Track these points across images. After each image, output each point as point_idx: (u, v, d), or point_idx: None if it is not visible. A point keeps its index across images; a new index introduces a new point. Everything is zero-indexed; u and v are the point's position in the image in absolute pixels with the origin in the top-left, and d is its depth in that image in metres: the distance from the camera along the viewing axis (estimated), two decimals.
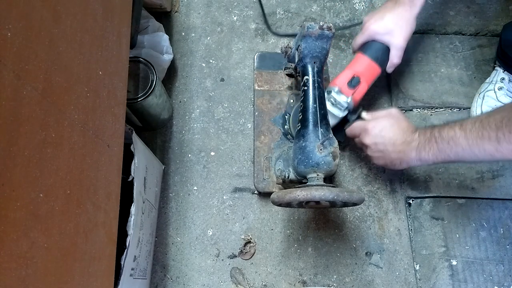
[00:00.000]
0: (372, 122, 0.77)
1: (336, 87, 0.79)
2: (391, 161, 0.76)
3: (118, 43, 0.59)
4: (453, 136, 0.66)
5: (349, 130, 0.81)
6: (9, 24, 0.36)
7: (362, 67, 0.81)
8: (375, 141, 0.76)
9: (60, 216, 0.44)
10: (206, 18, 1.05)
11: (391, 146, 0.74)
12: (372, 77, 0.82)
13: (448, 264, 0.89)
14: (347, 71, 0.81)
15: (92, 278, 0.51)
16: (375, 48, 0.81)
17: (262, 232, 0.91)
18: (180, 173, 0.95)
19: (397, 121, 0.75)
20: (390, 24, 0.78)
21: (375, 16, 0.80)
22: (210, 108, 0.99)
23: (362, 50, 0.82)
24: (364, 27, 0.82)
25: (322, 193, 0.63)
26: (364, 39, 0.82)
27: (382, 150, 0.75)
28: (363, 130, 0.78)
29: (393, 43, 0.80)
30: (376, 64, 0.81)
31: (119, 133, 0.59)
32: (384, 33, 0.79)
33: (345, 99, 0.79)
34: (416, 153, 0.71)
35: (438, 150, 0.68)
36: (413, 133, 0.73)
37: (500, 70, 0.95)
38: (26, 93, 0.38)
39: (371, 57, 0.81)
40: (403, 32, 0.79)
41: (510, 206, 0.92)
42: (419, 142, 0.71)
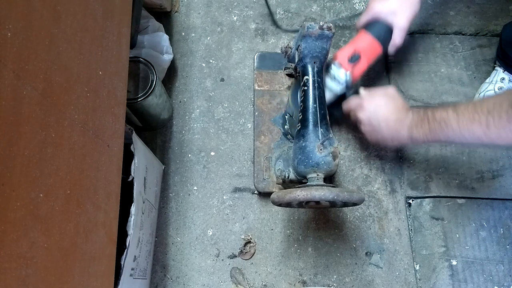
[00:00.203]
0: (368, 98, 0.78)
1: (336, 61, 0.80)
2: (383, 137, 0.77)
3: (118, 43, 0.59)
4: (445, 117, 0.66)
5: (345, 104, 0.82)
6: (9, 24, 0.36)
7: (363, 44, 0.82)
8: (369, 116, 0.77)
9: (60, 216, 0.44)
10: (206, 18, 1.05)
11: (384, 122, 0.75)
12: (373, 55, 0.83)
13: (448, 264, 0.89)
14: (349, 47, 0.82)
15: (92, 278, 0.51)
16: (378, 27, 0.82)
17: (262, 232, 0.91)
18: (180, 173, 0.95)
19: (393, 99, 0.77)
20: (394, 4, 0.79)
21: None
22: (210, 108, 0.99)
23: (365, 28, 0.83)
24: (369, 7, 0.83)
25: (322, 193, 0.63)
26: (368, 17, 0.83)
27: (375, 126, 0.77)
28: (359, 105, 0.79)
29: (396, 24, 0.80)
30: (378, 43, 0.82)
31: (119, 133, 0.59)
32: (388, 13, 0.80)
33: (344, 74, 0.79)
34: (408, 131, 0.72)
35: (429, 130, 0.69)
36: (406, 111, 0.74)
37: (500, 70, 0.95)
38: (26, 93, 0.38)
39: (373, 35, 0.82)
40: (406, 13, 0.80)
41: (510, 206, 0.92)
42: (412, 120, 0.72)
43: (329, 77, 0.81)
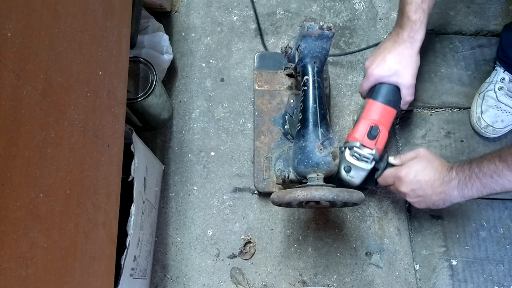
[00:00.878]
0: (404, 168, 0.74)
1: (357, 142, 0.76)
2: (433, 203, 0.73)
3: (118, 43, 0.59)
4: (495, 170, 0.64)
5: (382, 179, 0.79)
6: (9, 24, 0.36)
7: (377, 114, 0.78)
8: (412, 188, 0.73)
9: (60, 216, 0.44)
10: (206, 18, 1.05)
11: (429, 189, 0.72)
12: (389, 121, 0.79)
13: (448, 264, 0.89)
14: (363, 122, 0.78)
15: (92, 278, 0.51)
16: (385, 92, 0.78)
17: (262, 232, 0.91)
18: (180, 173, 0.95)
19: (429, 161, 0.73)
20: (394, 65, 0.75)
21: (377, 60, 0.77)
22: (210, 108, 0.99)
23: (372, 96, 0.79)
24: (368, 73, 0.79)
25: (322, 193, 0.63)
26: (370, 84, 0.79)
27: (421, 195, 0.73)
28: (397, 178, 0.75)
29: (402, 83, 0.77)
30: (390, 107, 0.79)
31: (119, 133, 0.59)
32: (390, 75, 0.76)
33: (370, 152, 0.76)
34: (458, 191, 0.69)
35: (482, 185, 0.67)
36: (448, 171, 0.71)
37: (500, 70, 0.95)
38: (26, 93, 0.38)
39: (383, 101, 0.78)
40: (409, 70, 0.76)
41: (510, 206, 0.92)
42: (459, 179, 0.69)
43: (353, 158, 0.77)
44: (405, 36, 0.75)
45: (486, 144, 0.96)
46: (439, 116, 0.98)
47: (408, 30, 0.74)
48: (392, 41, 0.77)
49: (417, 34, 0.74)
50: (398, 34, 0.76)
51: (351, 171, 0.78)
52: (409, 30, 0.74)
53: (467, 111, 0.98)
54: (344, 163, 0.78)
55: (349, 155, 0.77)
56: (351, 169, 0.78)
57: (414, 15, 0.73)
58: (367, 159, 0.76)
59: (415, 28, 0.74)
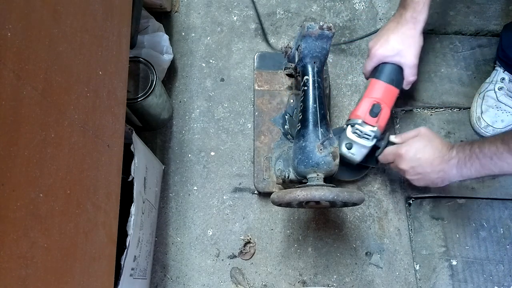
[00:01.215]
0: (404, 146, 0.75)
1: (359, 119, 0.77)
2: (432, 181, 0.74)
3: (118, 43, 0.59)
4: (495, 152, 0.65)
5: (382, 157, 0.79)
6: (9, 24, 0.36)
7: (379, 93, 0.79)
8: (412, 165, 0.74)
9: (60, 216, 0.44)
10: (206, 18, 1.05)
11: (429, 167, 0.72)
12: (392, 100, 0.80)
13: (448, 264, 0.89)
14: (366, 100, 0.79)
15: (92, 278, 0.51)
16: (388, 71, 0.79)
17: (262, 232, 0.91)
18: (180, 173, 0.95)
19: (429, 140, 0.74)
20: (397, 45, 0.77)
21: (380, 40, 0.78)
22: (210, 108, 0.99)
23: (375, 76, 0.80)
24: (371, 53, 0.80)
25: (322, 193, 0.63)
26: (374, 64, 0.80)
27: (421, 173, 0.74)
28: (397, 156, 0.76)
29: (405, 63, 0.78)
30: (393, 86, 0.79)
31: (119, 133, 0.59)
32: (393, 55, 0.77)
33: (371, 129, 0.77)
34: (457, 170, 0.70)
35: (481, 165, 0.67)
36: (449, 150, 0.72)
37: (500, 70, 0.95)
38: (26, 93, 0.38)
39: (386, 80, 0.79)
40: (412, 50, 0.77)
41: (510, 206, 0.92)
42: (459, 159, 0.70)
43: (355, 135, 0.78)
44: (408, 17, 0.76)
45: None
46: (439, 116, 0.98)
47: (411, 11, 0.75)
48: (395, 22, 0.78)
49: (420, 14, 0.76)
50: (401, 15, 0.77)
51: (352, 148, 0.79)
52: (412, 11, 0.75)
53: (467, 111, 0.98)
54: (346, 140, 0.79)
55: (350, 132, 0.78)
56: (352, 146, 0.79)
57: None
58: (368, 136, 0.77)
59: (417, 9, 0.75)
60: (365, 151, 0.80)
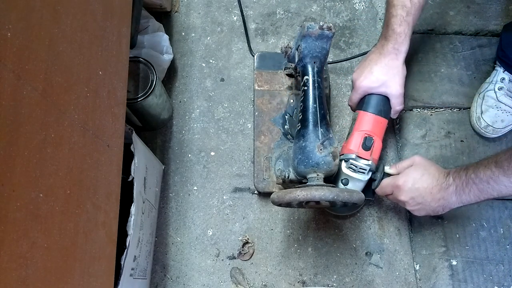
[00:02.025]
0: (401, 177, 0.75)
1: (353, 154, 0.77)
2: (433, 209, 0.74)
3: (118, 43, 0.59)
4: (491, 176, 0.65)
5: (380, 190, 0.79)
6: (9, 24, 0.36)
7: (369, 125, 0.78)
8: (411, 196, 0.74)
9: (60, 216, 0.44)
10: (206, 18, 1.05)
11: (428, 196, 0.72)
12: (382, 131, 0.80)
13: (448, 264, 0.89)
14: (357, 134, 0.78)
15: (92, 278, 0.51)
16: (375, 102, 0.79)
17: (262, 232, 0.91)
18: (180, 173, 0.95)
19: (425, 168, 0.74)
20: (382, 76, 0.76)
21: (364, 72, 0.78)
22: (210, 108, 0.99)
23: (363, 108, 0.80)
24: (356, 85, 0.79)
25: (322, 193, 0.63)
26: (359, 96, 0.80)
27: (421, 202, 0.74)
28: (395, 187, 0.76)
29: (391, 93, 0.78)
30: (382, 117, 0.79)
31: (119, 133, 0.59)
32: (378, 86, 0.77)
33: (366, 163, 0.76)
34: (457, 197, 0.70)
35: (479, 191, 0.68)
36: (445, 177, 0.72)
37: (500, 70, 0.95)
38: (26, 93, 0.38)
39: (374, 112, 0.79)
40: (397, 80, 0.77)
41: (510, 206, 0.92)
42: (456, 185, 0.70)
43: (350, 170, 0.77)
44: (390, 48, 0.76)
45: (486, 144, 0.96)
46: (439, 116, 0.98)
47: (393, 42, 0.76)
48: (378, 53, 0.78)
49: (401, 46, 0.76)
50: (383, 46, 0.77)
51: (349, 184, 0.78)
52: (394, 42, 0.76)
53: (467, 111, 0.98)
54: (342, 175, 0.78)
55: (345, 168, 0.77)
56: (349, 181, 0.78)
57: (399, 28, 0.74)
58: (364, 170, 0.76)
59: (399, 40, 0.75)
60: (361, 185, 0.79)
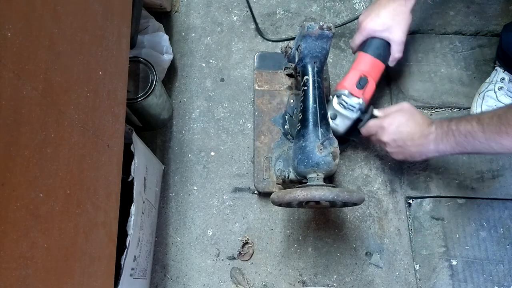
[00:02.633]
0: (387, 119, 0.77)
1: (346, 90, 0.79)
2: (411, 154, 0.77)
3: (118, 43, 0.59)
4: (470, 130, 0.67)
5: (365, 129, 0.81)
6: (9, 24, 0.36)
7: (367, 66, 0.81)
8: (393, 138, 0.77)
9: (60, 216, 0.44)
10: (206, 18, 1.05)
11: (409, 140, 0.75)
12: (378, 74, 0.82)
13: (448, 264, 0.89)
14: (353, 72, 0.81)
15: (92, 278, 0.51)
16: (376, 45, 0.81)
17: (262, 232, 0.91)
18: (180, 173, 0.94)
19: (412, 115, 0.76)
20: (387, 20, 0.79)
21: (371, 14, 0.80)
22: (210, 108, 0.99)
23: (363, 49, 0.83)
24: (361, 26, 0.82)
25: (322, 193, 0.63)
26: (362, 38, 0.82)
27: (401, 146, 0.77)
28: (380, 128, 0.78)
29: (393, 39, 0.80)
30: (380, 61, 0.82)
31: (119, 133, 0.59)
32: (382, 30, 0.79)
33: (357, 101, 0.79)
34: (434, 145, 0.73)
35: (456, 142, 0.69)
36: (429, 125, 0.74)
37: (500, 70, 0.95)
38: (26, 93, 0.38)
39: (373, 54, 0.81)
40: (401, 27, 0.79)
41: (510, 206, 0.92)
42: (437, 134, 0.72)
43: (340, 106, 0.79)
44: None
45: None
46: (439, 116, 0.98)
47: None
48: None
49: None
50: None
51: (337, 119, 0.81)
52: None
53: (467, 111, 0.98)
54: (331, 110, 0.81)
55: (336, 103, 0.80)
56: (337, 116, 0.81)
57: None
58: (353, 107, 0.79)
59: None
60: (348, 123, 0.82)
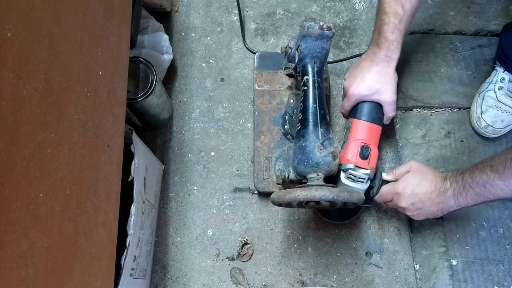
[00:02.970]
0: (400, 184, 0.76)
1: (351, 164, 0.76)
2: (432, 213, 0.76)
3: (118, 43, 0.59)
4: (487, 180, 0.66)
5: (379, 197, 0.80)
6: (9, 24, 0.36)
7: (365, 134, 0.78)
8: (411, 202, 0.75)
9: (60, 216, 0.44)
10: (206, 18, 1.05)
11: (428, 201, 0.74)
12: (377, 137, 0.80)
13: (448, 264, 0.89)
14: (353, 143, 0.78)
15: (92, 278, 0.51)
16: (369, 110, 0.79)
17: (262, 232, 0.91)
18: (180, 173, 0.95)
19: (423, 173, 0.75)
20: (374, 84, 0.76)
21: (356, 80, 0.78)
22: (210, 108, 0.99)
23: (357, 116, 0.80)
24: (349, 93, 0.79)
25: (322, 193, 0.63)
26: (352, 104, 0.80)
27: (420, 208, 0.75)
28: (395, 195, 0.77)
29: (384, 100, 0.78)
30: (375, 124, 0.79)
31: (119, 133, 0.59)
32: (371, 93, 0.77)
33: (365, 172, 0.76)
34: (455, 200, 0.72)
35: (476, 194, 0.69)
36: (443, 181, 0.73)
37: (500, 70, 0.94)
38: (26, 93, 0.38)
39: (368, 120, 0.79)
40: (389, 87, 0.77)
41: (510, 206, 0.92)
42: (453, 189, 0.71)
43: (349, 180, 0.77)
44: (382, 56, 0.76)
45: (486, 144, 0.96)
46: (439, 116, 0.98)
47: (385, 50, 0.76)
48: (370, 60, 0.78)
49: (394, 53, 0.76)
50: (375, 54, 0.77)
51: None
52: (386, 49, 0.76)
53: (467, 111, 0.98)
54: (341, 185, 0.78)
55: (344, 178, 0.77)
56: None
57: (391, 36, 0.75)
58: (362, 179, 0.76)
59: (391, 48, 0.75)
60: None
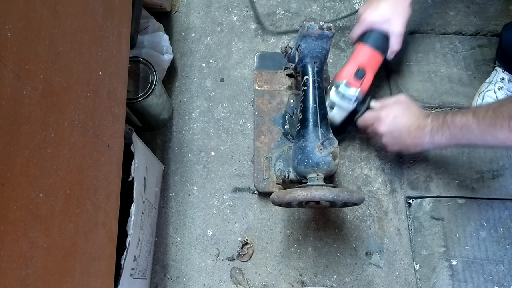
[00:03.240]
0: (384, 110, 0.78)
1: (344, 80, 0.80)
2: (406, 146, 0.78)
3: (118, 43, 0.59)
4: (465, 123, 0.67)
5: (362, 120, 0.82)
6: (9, 24, 0.36)
7: (365, 58, 0.82)
8: (389, 129, 0.77)
9: (60, 216, 0.44)
10: (206, 18, 1.05)
11: (405, 132, 0.76)
12: (376, 66, 0.83)
13: (448, 264, 0.89)
14: (352, 63, 0.81)
15: (92, 278, 0.51)
16: (375, 37, 0.82)
17: (262, 232, 0.91)
18: (180, 173, 0.95)
19: (408, 107, 0.77)
20: (387, 12, 0.79)
21: (371, 6, 0.81)
22: (210, 108, 0.99)
23: (363, 41, 0.83)
24: (361, 18, 0.82)
25: (322, 193, 0.63)
26: (362, 29, 0.83)
27: (396, 137, 0.77)
28: (376, 119, 0.79)
29: (392, 31, 0.80)
30: (378, 53, 0.82)
31: (119, 133, 0.59)
32: (382, 21, 0.80)
33: (354, 92, 0.79)
34: (430, 137, 0.73)
35: (451, 135, 0.70)
36: (425, 118, 0.75)
37: (500, 70, 0.95)
38: (26, 93, 0.38)
39: (372, 46, 0.82)
40: (400, 19, 0.80)
41: (510, 206, 0.92)
42: (432, 126, 0.73)
43: (338, 96, 0.80)
44: None
45: None
46: None
47: None
48: None
49: None
50: None
51: (334, 109, 0.82)
52: None
53: None
54: (328, 100, 0.81)
55: (334, 93, 0.81)
56: (334, 107, 0.81)
57: None
58: (350, 99, 0.80)
59: None
60: (344, 114, 0.82)
